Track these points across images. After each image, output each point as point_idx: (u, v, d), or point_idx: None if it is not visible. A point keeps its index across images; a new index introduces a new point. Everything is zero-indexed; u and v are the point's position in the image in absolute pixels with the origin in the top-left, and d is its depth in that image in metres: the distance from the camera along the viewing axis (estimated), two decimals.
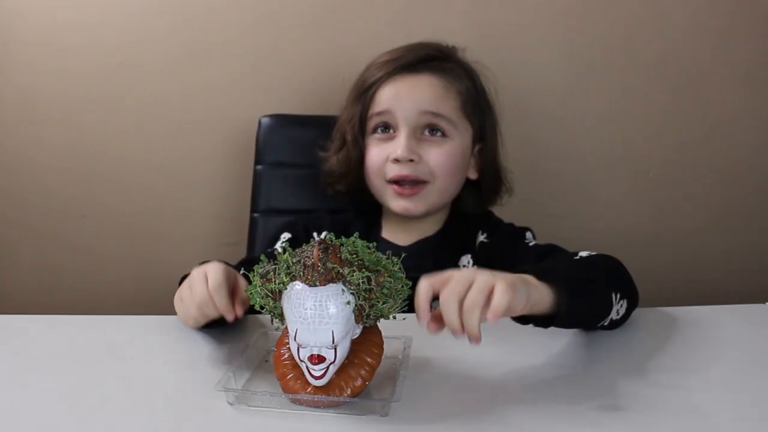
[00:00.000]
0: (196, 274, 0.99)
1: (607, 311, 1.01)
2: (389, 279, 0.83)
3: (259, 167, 1.59)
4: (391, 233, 1.37)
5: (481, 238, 1.34)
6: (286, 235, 1.38)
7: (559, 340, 1.03)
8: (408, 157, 1.26)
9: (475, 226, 1.36)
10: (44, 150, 1.70)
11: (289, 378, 0.85)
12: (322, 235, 1.36)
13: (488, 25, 1.65)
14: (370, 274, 0.82)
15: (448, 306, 0.82)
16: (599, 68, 1.68)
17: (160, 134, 1.70)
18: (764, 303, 1.20)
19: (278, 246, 1.36)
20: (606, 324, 1.03)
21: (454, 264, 1.32)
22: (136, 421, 0.83)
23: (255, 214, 1.58)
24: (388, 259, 0.87)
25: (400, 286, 0.85)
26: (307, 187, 1.55)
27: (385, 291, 0.82)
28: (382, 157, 1.30)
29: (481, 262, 1.31)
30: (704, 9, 1.65)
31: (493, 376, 0.93)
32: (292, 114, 1.61)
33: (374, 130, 1.32)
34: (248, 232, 1.57)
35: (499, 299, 0.81)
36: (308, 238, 1.31)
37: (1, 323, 1.16)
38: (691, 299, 1.30)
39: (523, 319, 0.94)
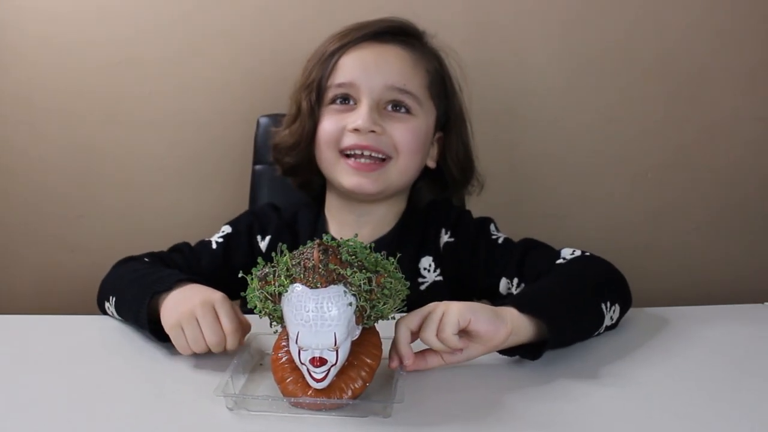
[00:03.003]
0: (201, 308, 0.95)
1: (599, 323, 1.01)
2: (389, 279, 0.83)
3: (257, 167, 1.58)
4: (338, 230, 1.27)
5: (445, 237, 1.26)
6: (226, 229, 1.31)
7: None
8: (369, 127, 1.16)
9: (435, 221, 1.28)
10: (42, 150, 1.70)
11: (288, 381, 0.85)
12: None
13: (485, 25, 1.65)
14: (370, 274, 0.81)
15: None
16: (597, 68, 1.68)
17: (159, 134, 1.70)
18: (763, 303, 1.20)
19: (214, 239, 1.30)
20: (602, 331, 1.03)
21: (414, 268, 1.24)
22: (135, 423, 0.82)
23: None
24: (384, 259, 0.87)
25: (399, 286, 0.85)
26: None
27: (386, 291, 0.82)
28: (338, 127, 1.20)
29: (446, 263, 1.25)
30: (703, 9, 1.65)
31: (491, 375, 0.94)
32: None
33: (332, 101, 1.22)
34: None
35: (450, 316, 0.88)
36: (250, 240, 1.29)
37: (1, 323, 1.16)
38: (689, 300, 1.31)
39: (509, 352, 0.95)
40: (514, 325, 0.92)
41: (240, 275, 0.88)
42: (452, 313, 0.88)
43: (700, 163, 1.73)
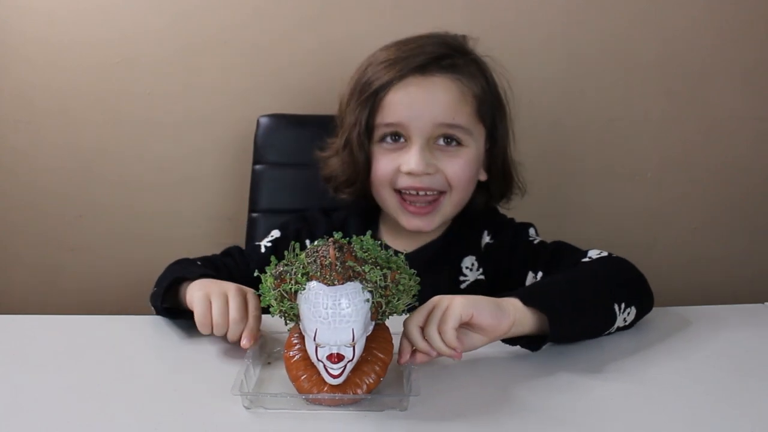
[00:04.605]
0: (234, 290, 0.99)
1: (609, 322, 1.02)
2: (403, 275, 0.84)
3: (257, 167, 1.58)
4: (391, 238, 1.29)
5: (486, 239, 1.28)
6: (275, 233, 1.33)
7: None
8: (424, 171, 1.18)
9: (479, 225, 1.30)
10: (41, 150, 1.70)
11: (303, 378, 0.85)
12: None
13: (486, 26, 1.64)
14: (386, 271, 0.82)
15: (412, 333, 0.90)
16: (597, 68, 1.69)
17: (158, 134, 1.70)
18: (763, 303, 1.21)
19: (263, 243, 1.31)
20: (612, 331, 1.04)
21: (457, 267, 1.26)
22: (142, 424, 0.83)
23: (253, 214, 1.57)
24: (394, 255, 0.88)
25: (411, 282, 0.86)
26: (305, 187, 1.54)
27: (401, 287, 0.83)
28: (392, 167, 1.20)
29: (488, 263, 1.26)
30: (703, 9, 1.66)
31: (504, 369, 0.95)
32: (291, 113, 1.60)
33: (382, 139, 1.22)
34: (246, 232, 1.56)
35: (453, 309, 0.89)
36: (299, 244, 1.28)
37: (1, 323, 1.15)
38: (689, 300, 1.31)
39: (511, 341, 0.97)
40: (516, 316, 0.93)
41: (255, 274, 0.89)
42: (455, 306, 0.89)
43: (700, 162, 1.74)
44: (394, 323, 0.90)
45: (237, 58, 1.67)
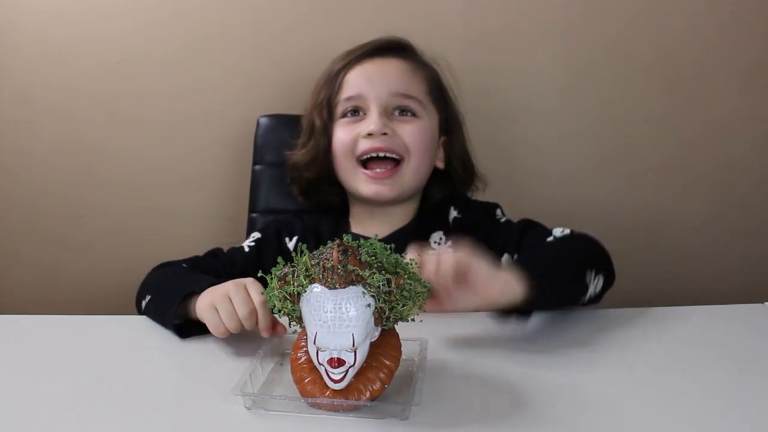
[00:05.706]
0: (233, 287, 1.00)
1: (583, 291, 1.07)
2: (409, 281, 0.83)
3: (257, 167, 1.58)
4: (361, 227, 1.35)
5: (454, 213, 1.35)
6: (255, 235, 1.38)
7: (568, 339, 1.04)
8: (381, 130, 1.26)
9: (445, 205, 1.37)
10: (42, 150, 1.70)
11: (307, 381, 0.85)
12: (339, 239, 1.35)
13: (486, 25, 1.66)
14: (390, 276, 0.81)
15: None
16: (597, 68, 1.69)
17: (158, 134, 1.70)
18: (763, 303, 1.21)
19: (245, 244, 1.36)
20: (586, 301, 1.09)
21: (424, 243, 1.29)
22: (142, 424, 0.82)
23: (253, 215, 1.58)
24: (404, 260, 0.87)
25: (419, 287, 0.85)
26: None
27: (405, 293, 0.82)
28: (352, 136, 1.29)
29: (457, 236, 1.30)
30: (702, 9, 1.66)
31: (511, 377, 0.94)
32: (291, 114, 1.59)
33: (343, 115, 1.32)
34: (246, 233, 1.56)
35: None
36: (279, 242, 1.35)
37: (1, 323, 1.15)
38: (689, 300, 1.32)
39: (503, 315, 1.01)
40: (507, 283, 0.97)
41: (260, 275, 0.89)
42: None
43: (699, 162, 1.74)
44: (404, 329, 0.88)
45: (237, 58, 1.67)
